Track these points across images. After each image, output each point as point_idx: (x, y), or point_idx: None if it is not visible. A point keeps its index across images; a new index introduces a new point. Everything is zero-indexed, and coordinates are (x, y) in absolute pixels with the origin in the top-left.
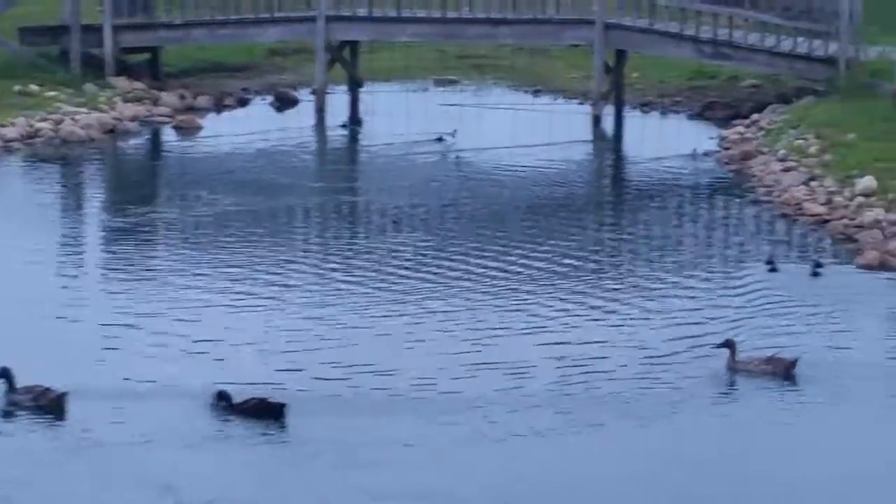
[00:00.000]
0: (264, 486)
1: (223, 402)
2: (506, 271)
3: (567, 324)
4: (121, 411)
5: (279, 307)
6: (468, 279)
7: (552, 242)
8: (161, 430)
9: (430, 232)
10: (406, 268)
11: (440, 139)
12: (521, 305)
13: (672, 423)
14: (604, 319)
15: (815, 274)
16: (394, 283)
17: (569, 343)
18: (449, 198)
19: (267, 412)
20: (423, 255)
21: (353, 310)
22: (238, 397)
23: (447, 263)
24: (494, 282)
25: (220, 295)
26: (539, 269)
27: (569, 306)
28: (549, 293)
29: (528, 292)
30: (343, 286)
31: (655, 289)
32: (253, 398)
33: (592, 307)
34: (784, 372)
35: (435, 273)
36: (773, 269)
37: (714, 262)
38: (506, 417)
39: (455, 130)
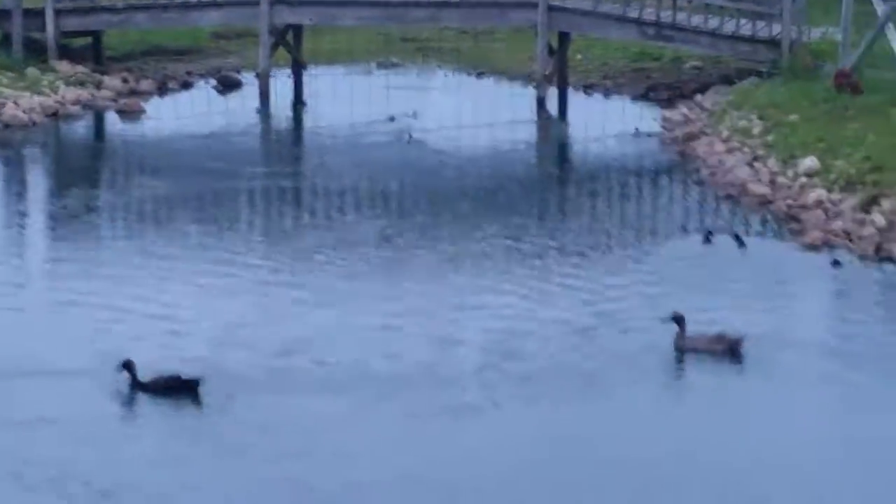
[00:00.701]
0: (172, 463)
1: (129, 373)
2: (445, 250)
3: (502, 300)
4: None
5: (213, 288)
6: (407, 259)
7: (493, 221)
8: (70, 408)
9: (372, 212)
10: (344, 248)
11: (392, 119)
12: (457, 283)
13: (605, 400)
14: (537, 297)
15: (741, 245)
16: (329, 263)
17: (502, 319)
18: (393, 178)
19: (180, 389)
20: (362, 234)
21: (290, 289)
22: (153, 374)
23: (386, 243)
24: (433, 260)
25: (153, 276)
26: (478, 246)
27: (505, 284)
28: (487, 271)
29: (464, 270)
30: (279, 267)
31: (595, 267)
32: (164, 375)
33: (527, 285)
34: (731, 350)
35: (372, 253)
36: (709, 241)
37: (655, 240)
38: (433, 394)
39: (414, 111)
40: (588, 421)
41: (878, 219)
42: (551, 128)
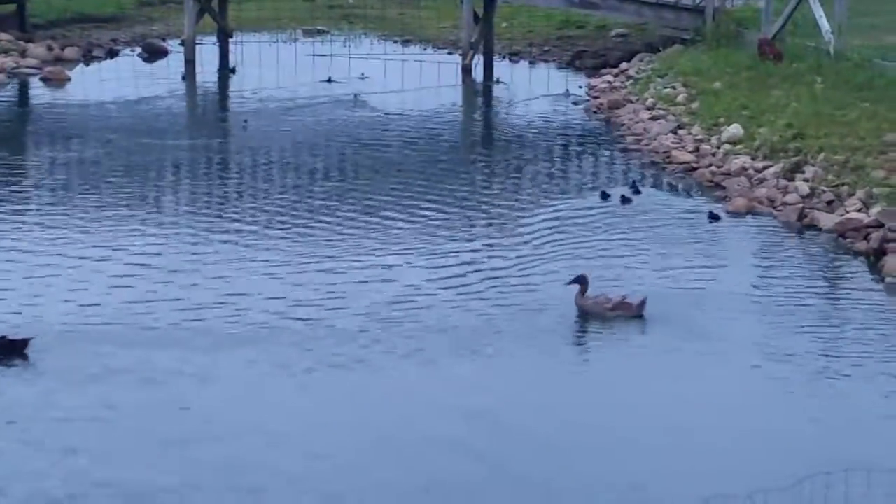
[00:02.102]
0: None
1: None
2: (363, 214)
3: (398, 261)
4: None
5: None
6: (321, 222)
7: (410, 185)
8: None
9: (292, 175)
10: (260, 211)
11: (329, 80)
12: (365, 245)
13: (500, 359)
14: (442, 258)
15: (637, 192)
16: (239, 226)
17: (394, 280)
18: (317, 144)
19: (6, 349)
20: (280, 198)
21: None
22: None
23: (301, 205)
24: (350, 224)
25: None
26: (391, 210)
27: (409, 245)
28: (396, 232)
29: (376, 234)
30: (185, 230)
31: (509, 230)
32: None
33: (436, 244)
34: (632, 310)
35: (286, 216)
36: (605, 197)
37: (571, 203)
38: (315, 350)
39: (363, 74)
40: (469, 380)
41: (802, 186)
42: (476, 95)
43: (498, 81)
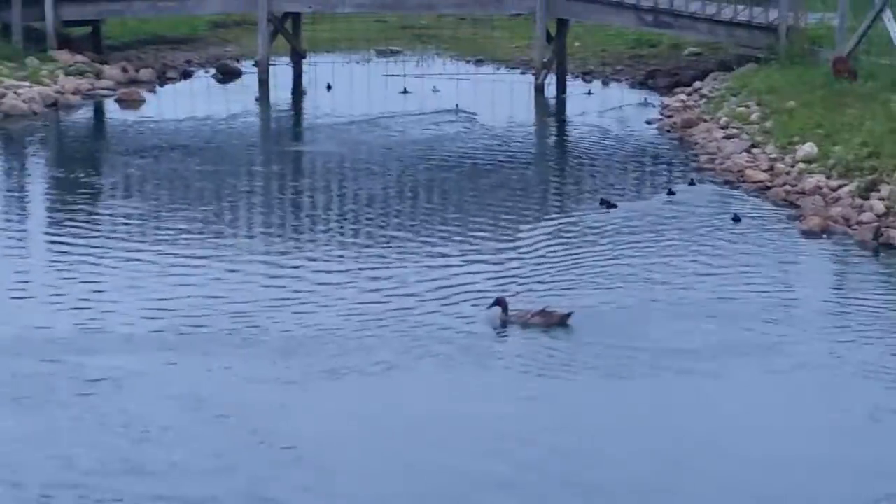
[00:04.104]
0: None
1: None
2: (433, 228)
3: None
4: None
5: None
6: (406, 238)
7: (479, 202)
8: None
9: (368, 194)
10: (332, 230)
11: (405, 91)
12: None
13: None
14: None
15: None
16: (299, 245)
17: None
18: (390, 161)
19: None
20: (350, 214)
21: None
22: None
23: (369, 223)
24: (422, 241)
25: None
26: (462, 225)
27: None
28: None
29: (445, 246)
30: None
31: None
32: None
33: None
34: (555, 323)
35: (352, 232)
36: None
37: (647, 221)
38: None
39: (435, 87)
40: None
41: (877, 204)
42: (549, 115)
43: (568, 101)
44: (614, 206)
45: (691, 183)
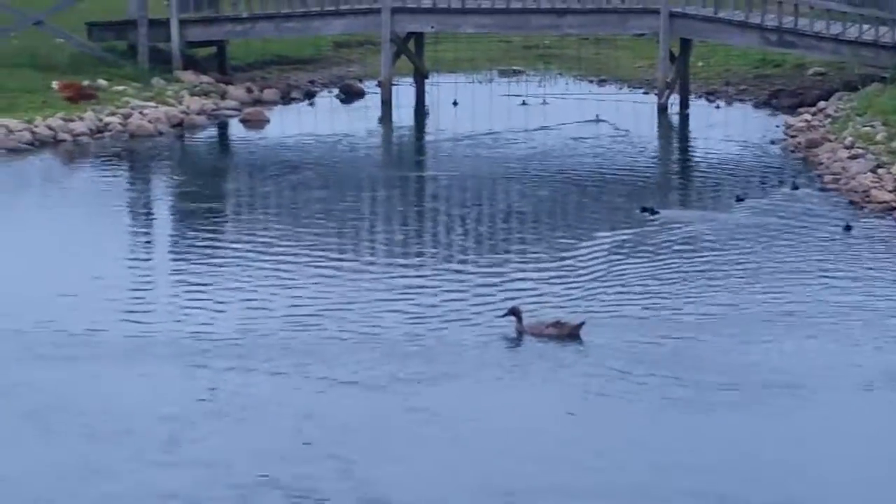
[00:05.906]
0: None
1: None
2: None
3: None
4: None
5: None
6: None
7: (594, 220)
8: None
9: (489, 212)
10: (447, 247)
11: (524, 103)
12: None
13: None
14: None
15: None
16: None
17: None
18: (509, 183)
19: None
20: (466, 234)
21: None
22: None
23: (509, 242)
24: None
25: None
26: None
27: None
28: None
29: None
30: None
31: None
32: None
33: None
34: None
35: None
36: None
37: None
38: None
39: (544, 100)
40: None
41: None
42: (672, 134)
43: (692, 121)
44: (657, 212)
45: (794, 188)
